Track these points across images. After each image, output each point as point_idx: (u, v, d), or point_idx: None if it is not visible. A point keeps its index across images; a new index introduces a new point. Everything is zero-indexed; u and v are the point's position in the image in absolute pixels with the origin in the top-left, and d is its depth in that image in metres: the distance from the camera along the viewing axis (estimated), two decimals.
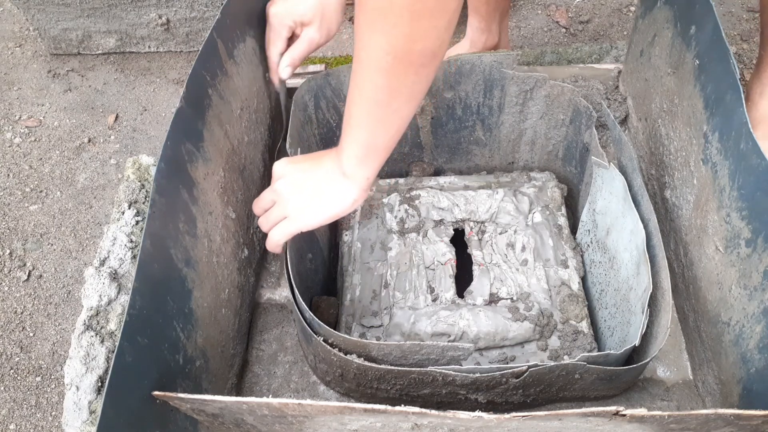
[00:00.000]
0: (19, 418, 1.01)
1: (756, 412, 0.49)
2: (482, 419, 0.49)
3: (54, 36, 1.43)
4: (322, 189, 0.70)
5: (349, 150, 0.67)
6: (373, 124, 0.65)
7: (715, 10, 0.70)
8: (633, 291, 0.74)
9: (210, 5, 1.35)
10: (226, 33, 0.76)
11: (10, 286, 1.15)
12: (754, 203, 0.64)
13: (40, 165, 1.31)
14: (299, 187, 0.71)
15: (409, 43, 0.55)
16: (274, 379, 0.81)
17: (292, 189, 0.71)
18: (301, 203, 0.71)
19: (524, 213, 0.92)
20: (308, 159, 0.74)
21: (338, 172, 0.69)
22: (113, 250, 0.72)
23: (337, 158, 0.69)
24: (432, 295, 0.84)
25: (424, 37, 0.55)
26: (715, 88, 0.70)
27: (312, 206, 0.70)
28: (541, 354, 0.80)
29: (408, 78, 0.59)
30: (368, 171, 0.68)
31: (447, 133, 0.97)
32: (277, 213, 0.72)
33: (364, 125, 0.65)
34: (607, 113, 0.84)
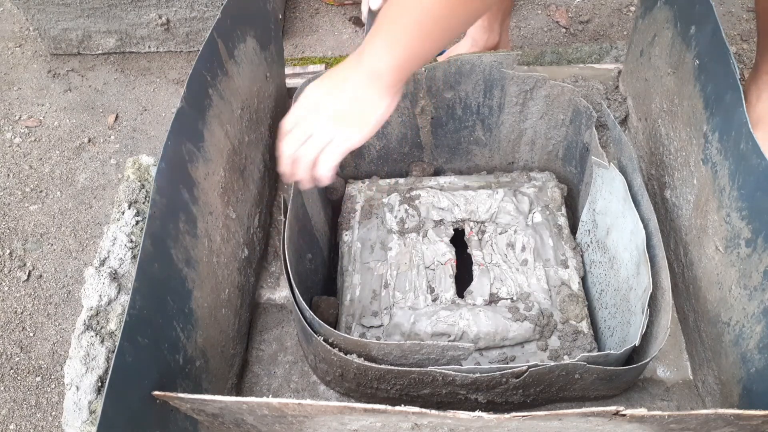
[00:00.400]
0: (19, 418, 1.01)
1: (756, 412, 0.49)
2: (482, 419, 0.49)
3: (54, 36, 1.43)
4: (358, 103, 0.69)
5: (387, 57, 0.67)
6: (421, 35, 0.65)
7: (715, 10, 0.70)
8: (633, 291, 0.74)
9: (210, 5, 1.35)
10: (226, 33, 0.76)
11: (10, 286, 1.15)
12: (754, 203, 0.64)
13: (40, 165, 1.31)
14: (333, 108, 0.70)
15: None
16: (274, 379, 0.81)
17: (326, 112, 0.70)
18: (341, 122, 0.70)
19: (524, 213, 0.92)
20: (329, 80, 0.72)
21: (369, 81, 0.68)
22: (113, 250, 0.72)
23: (367, 67, 0.68)
24: (432, 295, 0.84)
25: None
26: (715, 88, 0.70)
27: (354, 121, 0.70)
28: (541, 354, 0.80)
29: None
30: (405, 75, 0.69)
31: (447, 133, 0.97)
32: (319, 139, 0.70)
33: (411, 35, 0.65)
34: (607, 113, 0.84)
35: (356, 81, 0.69)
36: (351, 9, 1.54)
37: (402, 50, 0.66)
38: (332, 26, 1.52)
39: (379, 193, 0.98)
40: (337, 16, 1.54)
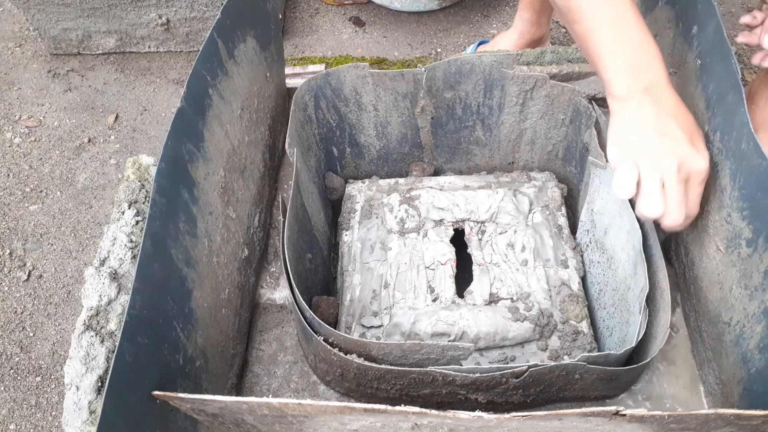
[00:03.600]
0: (19, 418, 1.01)
1: (756, 412, 0.49)
2: (482, 419, 0.49)
3: (54, 36, 1.43)
4: (670, 120, 0.65)
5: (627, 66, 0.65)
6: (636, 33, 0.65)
7: (717, 10, 0.70)
8: (631, 291, 0.74)
9: (210, 5, 1.35)
10: (226, 33, 0.76)
11: (10, 286, 1.15)
12: (755, 203, 0.63)
13: (40, 165, 1.31)
14: (657, 145, 0.65)
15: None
16: (274, 379, 0.81)
17: (657, 153, 0.65)
18: (679, 153, 0.64)
19: (524, 213, 0.92)
20: (624, 131, 0.67)
21: (646, 93, 0.65)
22: (113, 250, 0.71)
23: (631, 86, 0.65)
24: (432, 295, 0.84)
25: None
26: (717, 88, 0.70)
27: (686, 144, 0.65)
28: (541, 354, 0.80)
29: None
30: (660, 69, 0.66)
31: (447, 133, 0.97)
32: (677, 181, 0.65)
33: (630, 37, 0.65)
34: (599, 114, 0.84)
35: (643, 102, 0.65)
36: (351, 9, 1.54)
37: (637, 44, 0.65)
38: (332, 26, 1.52)
39: (379, 193, 0.98)
40: (337, 16, 1.54)
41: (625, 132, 0.66)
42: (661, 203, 0.64)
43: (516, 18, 1.19)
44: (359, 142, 0.98)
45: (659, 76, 0.65)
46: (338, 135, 0.97)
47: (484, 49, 1.24)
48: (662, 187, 0.64)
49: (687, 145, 0.64)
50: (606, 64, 0.66)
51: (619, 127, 0.67)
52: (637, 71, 0.65)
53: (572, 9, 0.66)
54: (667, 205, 0.65)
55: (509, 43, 1.19)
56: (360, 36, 1.49)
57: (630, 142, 0.66)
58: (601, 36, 0.65)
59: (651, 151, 0.65)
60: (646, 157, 0.65)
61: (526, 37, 1.19)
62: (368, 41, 1.48)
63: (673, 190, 0.64)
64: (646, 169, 0.65)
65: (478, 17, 1.51)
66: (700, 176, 0.66)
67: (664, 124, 0.65)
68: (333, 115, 0.94)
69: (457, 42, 1.47)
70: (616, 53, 0.65)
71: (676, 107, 0.66)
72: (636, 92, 0.65)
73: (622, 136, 0.67)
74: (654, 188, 0.64)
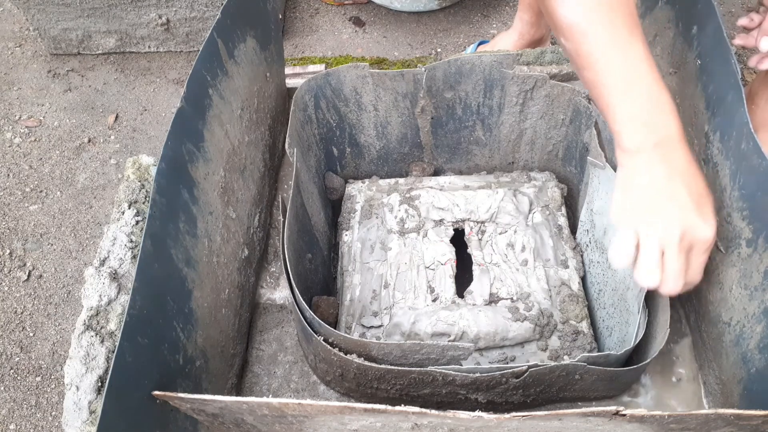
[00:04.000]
0: (19, 418, 1.01)
1: (756, 412, 0.49)
2: (482, 419, 0.49)
3: (54, 36, 1.43)
4: (679, 182, 0.61)
5: (641, 116, 0.61)
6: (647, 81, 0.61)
7: (717, 10, 0.70)
8: (630, 291, 0.74)
9: (210, 5, 1.35)
10: (226, 33, 0.76)
11: (10, 286, 1.15)
12: (754, 203, 0.63)
13: (40, 165, 1.31)
14: (661, 210, 0.61)
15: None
16: (274, 379, 0.81)
17: (661, 220, 0.61)
18: (684, 221, 0.61)
19: (524, 213, 0.92)
20: (630, 189, 0.63)
21: (657, 149, 0.61)
22: (113, 250, 0.71)
23: (638, 139, 0.61)
24: (432, 295, 0.84)
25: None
26: (717, 88, 0.70)
27: (692, 210, 0.61)
28: (541, 354, 0.80)
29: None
30: (673, 122, 0.61)
31: (447, 133, 0.97)
32: (678, 251, 0.61)
33: (640, 86, 0.61)
34: (599, 114, 0.84)
35: (652, 159, 0.61)
36: (351, 9, 1.54)
37: (647, 98, 0.61)
38: (332, 26, 1.52)
39: (379, 193, 0.98)
40: (337, 16, 1.54)
41: (630, 191, 0.63)
42: (658, 274, 0.61)
43: (515, 19, 1.19)
44: (359, 142, 0.98)
45: (672, 131, 0.61)
46: (338, 135, 0.97)
47: (484, 49, 1.24)
48: (661, 256, 0.61)
49: (693, 212, 0.61)
50: (616, 115, 0.61)
51: (625, 184, 0.63)
52: (649, 125, 0.61)
53: (582, 54, 0.62)
54: (665, 275, 0.62)
55: (509, 44, 1.19)
56: (360, 36, 1.49)
57: (634, 204, 0.63)
58: (613, 86, 0.61)
59: (654, 216, 0.61)
60: (648, 223, 0.62)
61: (525, 38, 1.19)
62: (368, 41, 1.48)
63: (673, 260, 0.61)
64: (646, 236, 0.62)
65: (478, 17, 1.51)
66: (704, 246, 0.62)
67: (672, 187, 0.61)
68: (333, 115, 0.94)
69: (457, 42, 1.47)
70: (628, 104, 0.61)
71: (687, 167, 0.62)
72: (647, 147, 0.61)
73: (626, 196, 0.64)
74: (651, 258, 0.61)
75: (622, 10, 0.61)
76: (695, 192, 0.62)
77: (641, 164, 0.62)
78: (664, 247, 0.61)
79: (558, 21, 0.62)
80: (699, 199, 0.62)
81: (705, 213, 0.62)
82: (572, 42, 0.62)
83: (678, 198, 0.61)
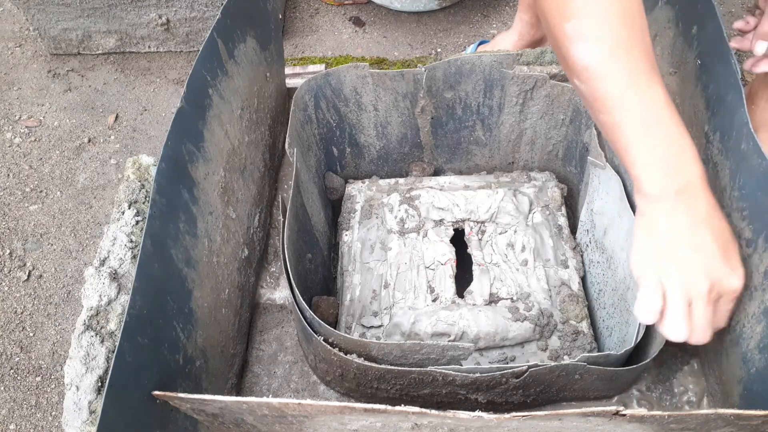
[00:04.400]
0: (19, 418, 1.01)
1: (756, 412, 0.49)
2: (482, 419, 0.49)
3: (54, 36, 1.43)
4: (704, 230, 0.59)
5: (662, 165, 0.58)
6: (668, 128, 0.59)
7: (717, 10, 0.70)
8: (630, 291, 0.74)
9: (210, 5, 1.35)
10: (226, 33, 0.76)
11: (10, 286, 1.15)
12: (754, 203, 0.63)
13: (40, 165, 1.31)
14: (687, 261, 0.59)
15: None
16: (274, 379, 0.81)
17: (687, 271, 0.59)
18: (711, 272, 0.59)
19: (524, 213, 0.92)
20: (651, 237, 0.61)
21: (680, 196, 0.58)
22: (113, 250, 0.71)
23: (662, 193, 0.59)
24: (432, 295, 0.84)
25: None
26: (717, 88, 0.70)
27: (719, 260, 0.59)
28: (541, 354, 0.80)
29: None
30: (695, 167, 0.59)
31: (447, 133, 0.97)
32: (707, 303, 0.60)
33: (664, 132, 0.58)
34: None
35: (672, 213, 0.59)
36: (351, 9, 1.54)
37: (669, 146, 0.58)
38: (332, 26, 1.52)
39: (379, 193, 0.98)
40: (337, 16, 1.54)
41: (652, 240, 0.60)
42: (686, 328, 0.59)
43: (515, 19, 1.19)
44: (359, 142, 0.98)
45: (694, 176, 0.58)
46: (338, 135, 0.97)
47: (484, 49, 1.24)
48: (688, 307, 0.59)
49: (720, 261, 0.59)
50: (636, 160, 0.58)
51: (646, 232, 0.61)
52: (671, 171, 0.58)
53: (598, 99, 0.59)
54: (693, 328, 0.60)
55: (509, 44, 1.19)
56: (360, 36, 1.49)
57: (657, 253, 0.60)
58: (631, 130, 0.58)
59: (680, 268, 0.59)
60: (674, 275, 0.59)
61: (525, 38, 1.19)
62: (368, 41, 1.48)
63: (701, 313, 0.59)
64: (673, 289, 0.59)
65: (478, 17, 1.51)
66: (733, 295, 0.61)
67: (697, 236, 0.59)
68: (333, 115, 0.94)
69: (457, 42, 1.47)
70: (648, 149, 0.58)
71: (711, 213, 0.59)
72: (668, 194, 0.58)
73: (648, 245, 0.61)
74: (679, 312, 0.59)
75: (640, 48, 0.58)
76: (721, 240, 0.59)
77: (663, 211, 0.59)
78: (691, 299, 0.59)
79: (572, 62, 0.59)
80: (725, 246, 0.60)
81: (732, 262, 0.60)
82: (588, 85, 0.59)
83: (703, 247, 0.59)
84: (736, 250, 0.61)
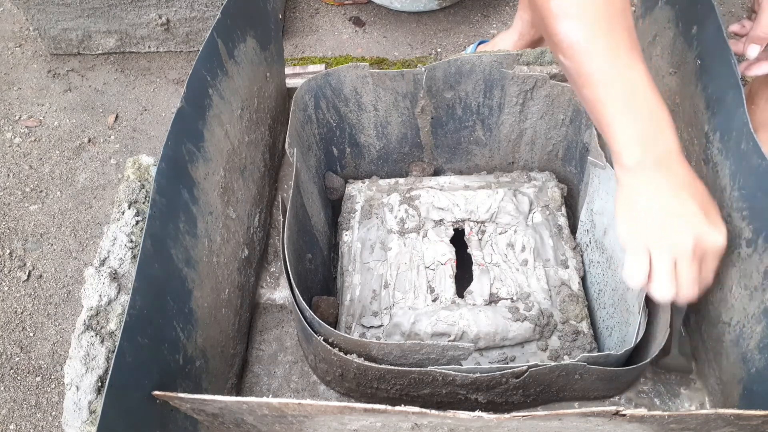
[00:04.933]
0: (19, 418, 1.01)
1: (756, 412, 0.49)
2: (482, 419, 0.49)
3: (54, 36, 1.43)
4: (684, 194, 0.62)
5: (641, 135, 0.61)
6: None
7: (717, 10, 0.70)
8: (630, 291, 0.74)
9: (210, 5, 1.35)
10: (226, 33, 0.76)
11: (10, 286, 1.15)
12: (754, 203, 0.63)
13: (40, 165, 1.31)
14: (670, 224, 0.62)
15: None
16: (274, 379, 0.81)
17: (671, 233, 0.62)
18: (695, 231, 0.61)
19: (524, 213, 0.92)
20: (634, 207, 0.64)
21: (658, 165, 0.61)
22: (113, 250, 0.71)
23: (640, 157, 0.61)
24: (432, 295, 0.84)
25: None
26: (717, 89, 0.70)
27: (702, 219, 0.61)
28: (541, 354, 0.80)
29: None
30: (672, 138, 0.62)
31: (447, 133, 0.97)
32: (691, 261, 0.62)
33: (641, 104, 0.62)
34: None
35: (653, 176, 0.62)
36: (351, 9, 1.54)
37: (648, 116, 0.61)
38: (332, 26, 1.52)
39: (379, 193, 0.98)
40: (337, 16, 1.54)
41: (635, 209, 0.63)
42: (672, 287, 0.62)
43: (516, 18, 1.19)
44: (359, 142, 0.98)
45: (672, 147, 0.62)
46: (338, 135, 0.97)
47: (483, 49, 1.23)
48: (674, 267, 0.62)
49: (702, 220, 0.61)
50: (616, 133, 0.62)
51: (629, 202, 0.64)
52: (648, 142, 0.61)
53: (582, 74, 0.62)
54: (679, 285, 0.62)
55: (509, 44, 1.19)
56: (360, 36, 1.49)
57: (641, 220, 0.63)
58: (613, 104, 0.61)
59: (663, 230, 0.62)
60: (658, 238, 0.62)
61: (525, 38, 1.19)
62: (368, 41, 1.48)
63: (686, 271, 0.62)
64: (658, 251, 0.62)
65: (478, 17, 1.51)
66: (717, 252, 0.63)
67: (678, 199, 0.62)
68: (333, 115, 0.94)
69: (457, 42, 1.47)
70: (629, 122, 0.61)
71: (689, 179, 0.62)
72: (647, 164, 0.61)
73: (632, 213, 0.64)
74: (665, 271, 0.62)
75: (622, 26, 0.61)
76: (701, 201, 0.62)
77: (643, 181, 0.62)
78: (676, 259, 0.62)
79: (557, 39, 0.62)
80: (706, 207, 0.62)
81: (714, 219, 0.62)
82: (572, 60, 0.62)
83: (685, 209, 0.61)
84: (716, 211, 0.64)
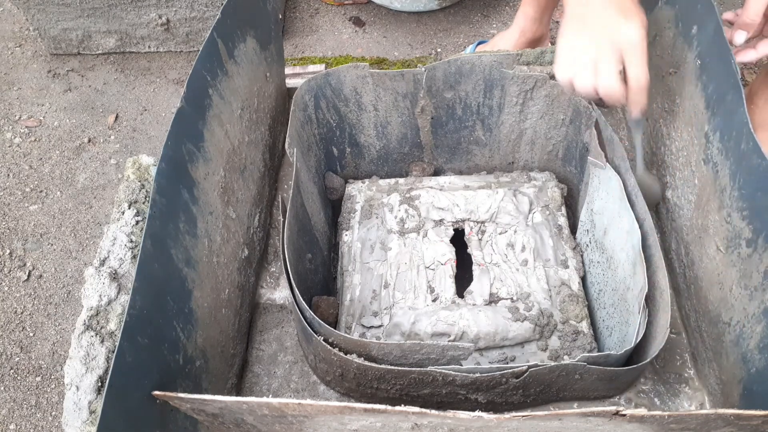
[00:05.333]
0: (19, 418, 1.01)
1: (756, 412, 0.49)
2: (482, 419, 0.49)
3: (54, 36, 1.43)
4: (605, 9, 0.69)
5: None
6: None
7: (717, 10, 0.70)
8: (630, 291, 0.74)
9: (210, 5, 1.35)
10: (226, 33, 0.76)
11: (10, 286, 1.15)
12: (754, 203, 0.64)
13: (40, 165, 1.31)
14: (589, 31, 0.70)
15: None
16: (274, 379, 0.81)
17: (588, 38, 0.70)
18: (609, 29, 0.69)
19: (524, 213, 0.92)
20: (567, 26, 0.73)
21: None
22: (113, 250, 0.71)
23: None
24: (432, 295, 0.84)
25: None
26: (717, 88, 0.70)
27: (617, 19, 0.68)
28: (541, 354, 0.80)
29: None
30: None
31: (447, 133, 0.97)
32: (610, 58, 0.69)
33: None
34: (598, 113, 0.84)
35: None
36: (351, 9, 1.54)
37: None
38: (332, 26, 1.52)
39: (379, 193, 0.98)
40: (337, 16, 1.54)
41: (570, 25, 0.72)
42: (592, 77, 0.70)
43: (518, 14, 1.19)
44: (359, 142, 0.98)
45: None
46: (338, 135, 0.97)
47: (483, 48, 1.23)
48: (595, 64, 0.69)
49: (617, 18, 0.68)
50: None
51: (569, 24, 0.72)
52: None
53: None
54: (599, 76, 0.69)
55: (509, 42, 1.19)
56: (360, 36, 1.49)
57: (572, 33, 0.72)
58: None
59: (585, 35, 0.70)
60: (580, 42, 0.71)
61: (527, 35, 1.18)
62: (368, 41, 1.48)
63: (606, 66, 0.69)
64: (581, 51, 0.71)
65: (478, 17, 1.51)
66: (635, 45, 0.68)
67: (605, 11, 0.69)
68: (333, 115, 0.94)
69: (457, 42, 1.47)
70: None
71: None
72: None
73: (567, 30, 0.72)
74: (585, 66, 0.70)
75: None
76: (622, 6, 0.68)
77: (580, 4, 0.71)
78: (597, 58, 0.69)
79: None
80: (625, 9, 0.68)
81: (629, 16, 0.68)
82: None
83: (606, 15, 0.69)
84: (636, 11, 0.69)
